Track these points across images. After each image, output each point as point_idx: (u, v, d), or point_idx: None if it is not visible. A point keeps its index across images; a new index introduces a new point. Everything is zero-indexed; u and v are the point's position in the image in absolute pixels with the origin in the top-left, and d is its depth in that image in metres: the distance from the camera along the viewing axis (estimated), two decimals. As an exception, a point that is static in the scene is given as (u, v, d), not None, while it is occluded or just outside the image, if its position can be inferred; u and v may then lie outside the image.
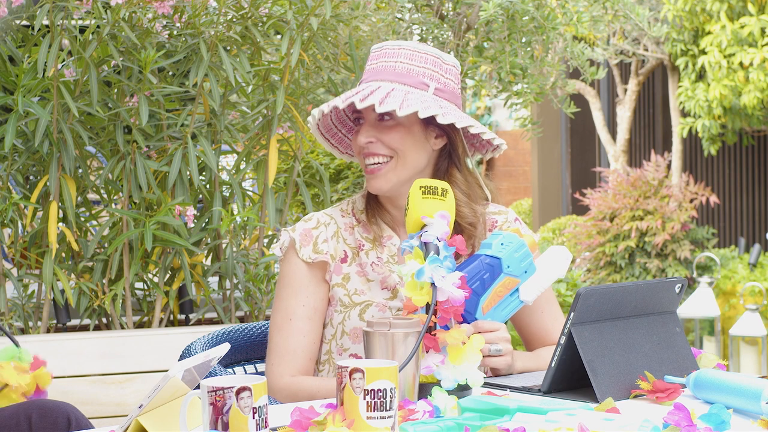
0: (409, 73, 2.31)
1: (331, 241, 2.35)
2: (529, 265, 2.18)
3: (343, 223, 2.37)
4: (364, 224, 2.37)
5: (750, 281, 6.90)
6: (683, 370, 2.11)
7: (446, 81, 2.34)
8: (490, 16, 4.17)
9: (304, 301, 2.33)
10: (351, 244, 2.36)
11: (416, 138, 2.32)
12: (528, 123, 4.68)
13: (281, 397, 2.29)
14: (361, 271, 2.33)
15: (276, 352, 2.32)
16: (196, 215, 3.91)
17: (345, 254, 2.35)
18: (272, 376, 2.32)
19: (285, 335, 2.32)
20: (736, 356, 6.42)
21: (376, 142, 2.31)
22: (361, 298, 2.32)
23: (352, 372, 1.69)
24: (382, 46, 2.36)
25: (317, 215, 2.38)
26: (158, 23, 3.80)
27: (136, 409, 1.69)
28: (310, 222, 2.37)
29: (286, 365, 2.31)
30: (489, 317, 2.16)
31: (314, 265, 2.34)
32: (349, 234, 2.36)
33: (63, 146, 3.72)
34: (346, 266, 2.34)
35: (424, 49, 2.34)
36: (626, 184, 7.63)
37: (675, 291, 2.19)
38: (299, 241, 2.34)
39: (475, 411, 1.79)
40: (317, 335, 2.34)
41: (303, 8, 3.82)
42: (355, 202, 2.41)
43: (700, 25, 7.71)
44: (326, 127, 2.45)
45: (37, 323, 3.89)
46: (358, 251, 2.34)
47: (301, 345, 2.31)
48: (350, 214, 2.39)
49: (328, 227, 2.36)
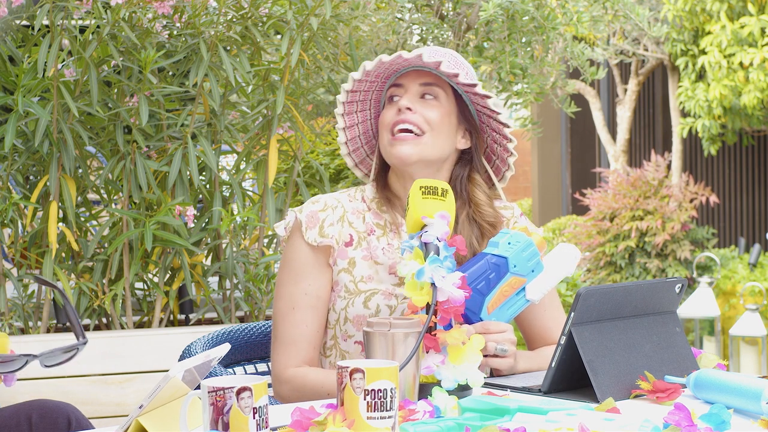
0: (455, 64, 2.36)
1: (336, 225, 2.34)
2: (537, 264, 2.17)
3: (351, 208, 2.36)
4: (374, 211, 2.37)
5: (750, 281, 6.90)
6: (683, 370, 2.11)
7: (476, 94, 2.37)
8: (490, 16, 4.17)
9: (307, 289, 2.32)
10: (358, 228, 2.34)
11: (451, 125, 2.34)
12: (528, 123, 4.68)
13: (285, 389, 2.30)
14: (368, 255, 2.32)
15: (280, 342, 2.33)
16: (196, 215, 3.91)
17: (350, 237, 2.33)
18: (277, 367, 2.33)
19: (288, 325, 2.32)
20: (736, 356, 6.42)
21: (415, 113, 2.31)
22: (367, 285, 2.31)
23: (352, 372, 1.69)
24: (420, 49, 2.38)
25: (324, 197, 2.37)
26: (158, 23, 3.80)
27: (137, 410, 1.69)
28: (318, 204, 2.36)
29: (290, 356, 2.31)
30: (494, 316, 2.16)
31: (318, 249, 2.33)
32: (356, 218, 2.35)
33: (63, 146, 3.72)
34: (351, 250, 2.33)
35: (465, 63, 2.41)
36: (626, 184, 7.64)
37: (675, 291, 2.18)
38: (305, 223, 2.33)
39: (475, 411, 1.79)
40: (320, 323, 2.34)
41: (303, 8, 3.82)
42: (364, 190, 2.40)
43: (700, 25, 7.71)
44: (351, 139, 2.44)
45: (37, 323, 3.89)
46: (367, 236, 2.34)
47: (304, 335, 2.31)
48: (359, 200, 2.38)
49: (335, 210, 2.35)
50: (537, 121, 4.74)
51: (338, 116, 2.42)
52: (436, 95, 2.33)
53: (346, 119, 2.42)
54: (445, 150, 2.34)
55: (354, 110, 2.42)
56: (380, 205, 2.37)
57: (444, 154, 2.34)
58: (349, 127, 2.43)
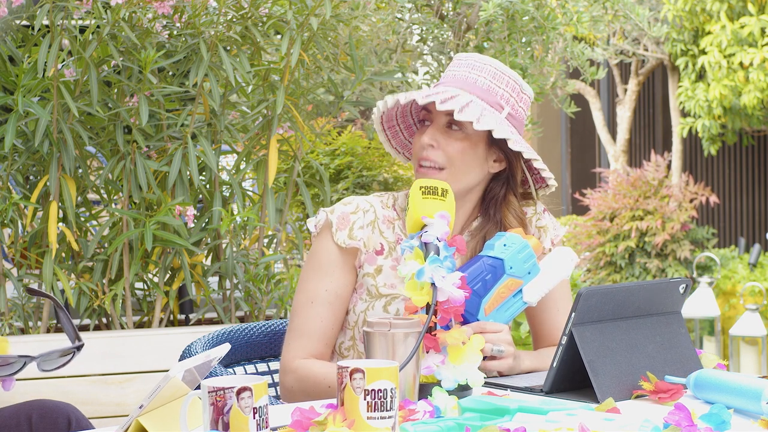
0: (488, 90, 2.32)
1: (366, 229, 2.35)
2: (533, 267, 2.18)
3: (382, 215, 2.37)
4: (404, 221, 2.38)
5: (750, 281, 6.90)
6: (687, 371, 2.10)
7: (519, 108, 2.35)
8: (490, 16, 4.18)
9: (328, 286, 2.34)
10: (389, 238, 2.36)
11: (477, 155, 2.33)
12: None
13: (291, 378, 2.32)
14: (396, 265, 2.34)
15: (293, 333, 2.35)
16: (196, 215, 3.91)
17: (381, 247, 2.35)
18: (286, 356, 2.34)
19: (304, 318, 2.34)
20: (736, 356, 6.42)
21: (437, 148, 2.31)
22: (389, 290, 2.33)
23: (352, 372, 1.69)
24: (469, 57, 2.36)
25: (357, 200, 2.38)
26: (158, 23, 3.80)
27: (137, 410, 1.69)
28: (350, 206, 2.37)
29: (301, 347, 2.33)
30: (492, 318, 2.16)
31: (346, 251, 2.35)
32: (387, 227, 2.37)
33: (63, 146, 3.72)
34: (382, 258, 2.34)
35: (507, 72, 2.35)
36: (626, 184, 7.64)
37: (679, 291, 2.18)
38: (336, 224, 2.34)
39: (475, 411, 1.79)
40: (336, 321, 2.35)
41: (303, 8, 3.82)
42: (397, 199, 2.41)
43: (700, 25, 7.71)
44: (388, 116, 2.44)
45: (37, 323, 3.89)
46: (396, 245, 2.35)
47: (317, 329, 2.33)
48: (391, 207, 2.39)
49: (366, 214, 2.36)
50: (537, 121, 4.74)
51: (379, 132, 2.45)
52: (462, 126, 2.31)
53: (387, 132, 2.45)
54: (469, 181, 2.34)
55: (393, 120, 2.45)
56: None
57: (469, 185, 2.34)
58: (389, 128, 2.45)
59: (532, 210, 2.44)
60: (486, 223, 2.37)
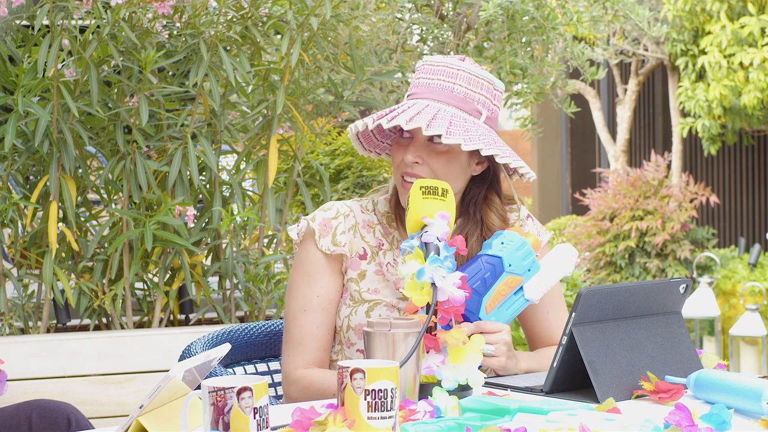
0: (465, 98, 2.28)
1: (348, 233, 2.34)
2: (532, 264, 2.18)
3: (362, 219, 2.37)
4: (384, 226, 2.37)
5: (750, 281, 6.90)
6: (687, 372, 2.10)
7: (494, 108, 2.32)
8: (490, 16, 4.17)
9: (319, 292, 2.34)
10: (370, 242, 2.36)
11: (461, 164, 2.31)
12: (528, 123, 4.67)
13: (294, 389, 2.31)
14: (379, 270, 2.34)
15: (290, 344, 2.34)
16: (196, 215, 3.91)
17: (364, 251, 2.35)
18: (287, 368, 2.34)
19: (299, 326, 2.33)
20: (736, 356, 6.42)
21: (422, 164, 2.28)
22: (372, 296, 2.33)
23: (352, 372, 1.68)
24: (441, 62, 2.31)
25: (337, 205, 2.37)
26: (158, 23, 3.80)
27: (137, 410, 1.69)
28: (330, 212, 2.36)
29: (300, 357, 2.32)
30: (493, 316, 2.16)
31: (332, 257, 2.34)
32: (368, 231, 2.36)
33: (63, 146, 3.72)
34: (365, 263, 2.34)
35: (480, 74, 2.30)
36: (626, 184, 7.64)
37: (680, 291, 2.18)
38: (318, 231, 2.34)
39: (475, 411, 1.79)
40: (331, 325, 2.35)
41: (303, 8, 3.82)
42: (377, 203, 2.40)
43: (700, 25, 7.71)
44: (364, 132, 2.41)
45: (37, 323, 3.88)
46: (378, 250, 2.35)
47: (314, 337, 2.33)
48: (371, 212, 2.39)
49: (347, 219, 2.36)
50: (537, 121, 4.74)
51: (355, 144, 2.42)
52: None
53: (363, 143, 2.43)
54: (454, 188, 2.30)
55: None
56: (390, 221, 2.38)
57: (456, 190, 2.32)
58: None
59: (515, 216, 2.43)
60: (466, 223, 2.36)
